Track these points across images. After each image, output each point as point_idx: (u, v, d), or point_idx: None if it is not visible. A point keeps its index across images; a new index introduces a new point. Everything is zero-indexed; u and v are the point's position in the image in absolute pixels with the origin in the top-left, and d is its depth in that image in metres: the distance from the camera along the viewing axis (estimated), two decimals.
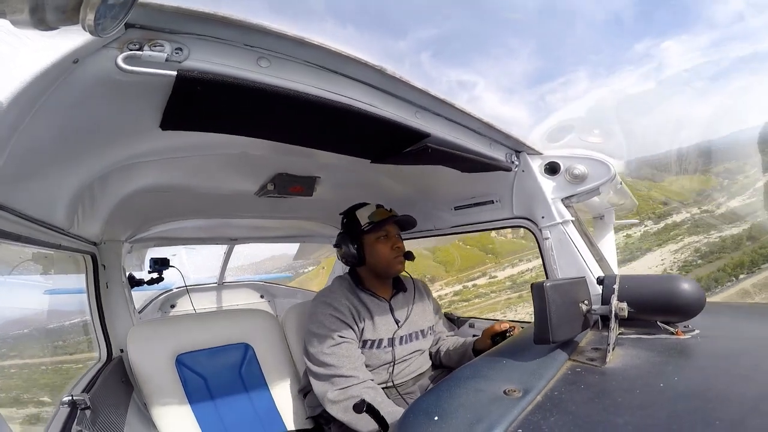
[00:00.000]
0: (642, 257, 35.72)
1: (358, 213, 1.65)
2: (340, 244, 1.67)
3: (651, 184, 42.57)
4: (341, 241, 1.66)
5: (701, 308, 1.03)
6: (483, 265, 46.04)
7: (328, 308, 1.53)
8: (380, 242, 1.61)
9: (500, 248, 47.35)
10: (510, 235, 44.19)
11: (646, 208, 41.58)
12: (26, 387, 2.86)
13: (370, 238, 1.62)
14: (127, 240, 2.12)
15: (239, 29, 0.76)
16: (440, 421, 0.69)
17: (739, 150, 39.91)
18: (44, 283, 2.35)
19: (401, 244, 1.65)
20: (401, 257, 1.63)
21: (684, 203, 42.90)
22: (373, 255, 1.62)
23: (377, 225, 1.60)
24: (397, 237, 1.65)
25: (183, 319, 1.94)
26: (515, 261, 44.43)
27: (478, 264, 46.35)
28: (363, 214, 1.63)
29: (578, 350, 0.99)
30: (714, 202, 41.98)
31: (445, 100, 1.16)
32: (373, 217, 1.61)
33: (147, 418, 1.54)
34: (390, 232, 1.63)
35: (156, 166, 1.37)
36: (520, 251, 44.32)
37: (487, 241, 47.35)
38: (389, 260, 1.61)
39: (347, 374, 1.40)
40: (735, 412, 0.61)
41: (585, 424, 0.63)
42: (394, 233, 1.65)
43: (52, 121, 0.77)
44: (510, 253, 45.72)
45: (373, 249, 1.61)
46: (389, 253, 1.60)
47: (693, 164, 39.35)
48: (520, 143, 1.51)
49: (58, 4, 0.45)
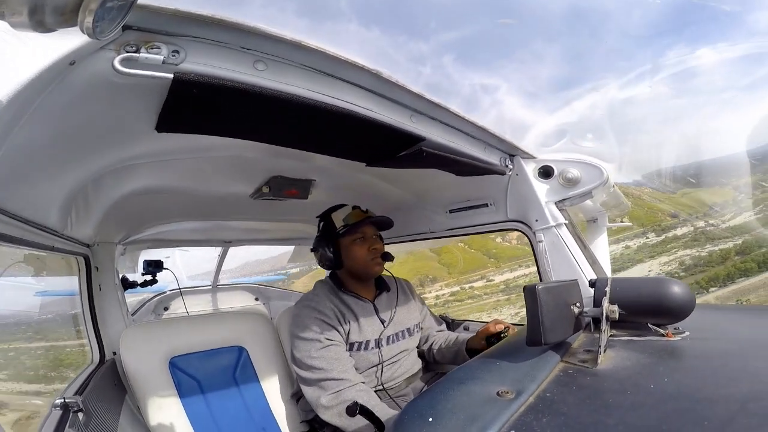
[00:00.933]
0: (632, 267, 36.43)
1: (334, 215, 1.64)
2: (317, 248, 1.66)
3: (665, 196, 43.65)
4: (318, 245, 1.65)
5: (691, 310, 1.05)
6: (484, 268, 47.02)
7: (312, 312, 1.51)
8: (356, 244, 1.60)
9: (503, 253, 48.32)
10: (515, 241, 45.57)
11: (653, 220, 42.32)
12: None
13: (346, 241, 1.60)
14: (120, 242, 2.10)
15: (236, 32, 0.76)
16: (434, 422, 0.69)
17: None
18: (35, 285, 2.34)
19: (379, 245, 1.64)
20: (378, 258, 1.61)
21: (694, 216, 43.50)
22: (350, 257, 1.60)
23: (353, 227, 1.58)
24: (374, 238, 1.64)
25: (176, 322, 1.93)
26: (515, 266, 45.23)
27: (479, 267, 47.28)
28: (338, 217, 1.62)
29: (570, 352, 1.00)
30: (721, 216, 42.57)
31: (440, 104, 1.17)
32: (348, 219, 1.60)
33: (140, 421, 1.53)
34: (366, 233, 1.62)
35: (151, 168, 1.37)
36: (522, 257, 45.11)
37: (491, 245, 48.46)
38: (366, 262, 1.59)
39: (337, 377, 1.39)
40: (724, 413, 0.62)
41: (577, 425, 0.63)
42: (371, 234, 1.64)
43: (48, 122, 0.77)
44: (512, 258, 46.56)
45: (350, 251, 1.60)
46: (366, 254, 1.59)
47: (716, 176, 39.73)
48: (514, 147, 1.53)
49: (57, 6, 0.45)
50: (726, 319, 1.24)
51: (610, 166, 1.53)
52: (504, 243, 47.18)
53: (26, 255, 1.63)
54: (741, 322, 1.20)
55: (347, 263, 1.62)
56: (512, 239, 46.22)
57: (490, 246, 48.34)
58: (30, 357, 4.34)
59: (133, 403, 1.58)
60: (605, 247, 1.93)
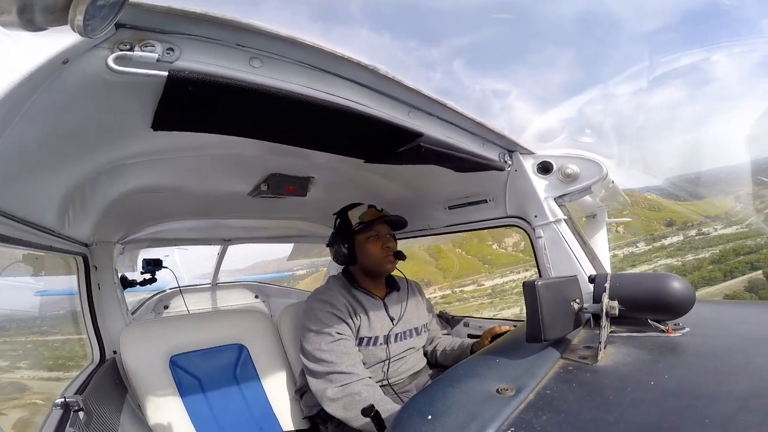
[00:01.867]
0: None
1: (350, 213, 1.67)
2: (332, 244, 1.70)
3: (655, 202, 44.42)
4: (333, 241, 1.69)
5: (691, 306, 1.05)
6: (477, 273, 48.69)
7: (324, 305, 1.54)
8: (370, 242, 1.63)
9: (497, 260, 50.12)
10: (510, 248, 47.65)
11: (647, 229, 43.06)
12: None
13: (361, 238, 1.64)
14: (118, 241, 2.10)
15: (231, 29, 0.76)
16: (434, 420, 0.69)
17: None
18: (35, 285, 2.35)
19: (392, 243, 1.67)
20: (391, 257, 1.65)
21: (688, 225, 44.28)
22: (364, 254, 1.64)
23: (368, 225, 1.62)
24: (388, 236, 1.67)
25: (176, 320, 1.93)
26: (506, 272, 46.84)
27: (473, 272, 48.94)
28: (354, 214, 1.66)
29: (570, 348, 0.99)
30: (713, 225, 43.12)
31: (438, 100, 1.16)
32: (364, 217, 1.64)
33: (141, 420, 1.53)
34: (380, 231, 1.65)
35: (147, 166, 1.36)
36: (515, 263, 47.02)
37: (487, 251, 50.48)
38: (379, 259, 1.63)
39: (346, 371, 1.40)
40: (725, 410, 0.61)
41: (577, 423, 0.63)
42: (385, 233, 1.67)
43: (42, 122, 0.76)
44: (505, 265, 48.24)
45: (364, 248, 1.64)
46: (379, 252, 1.63)
47: (717, 186, 40.13)
48: (513, 143, 1.52)
49: (47, 5, 0.44)
50: (727, 315, 1.23)
51: (610, 162, 1.52)
52: (500, 250, 49.41)
53: (25, 255, 1.63)
54: (742, 317, 1.20)
55: (361, 260, 1.66)
56: (508, 246, 49.21)
57: (486, 252, 50.26)
58: (48, 348, 4.68)
59: (134, 401, 1.58)
60: (605, 242, 1.93)
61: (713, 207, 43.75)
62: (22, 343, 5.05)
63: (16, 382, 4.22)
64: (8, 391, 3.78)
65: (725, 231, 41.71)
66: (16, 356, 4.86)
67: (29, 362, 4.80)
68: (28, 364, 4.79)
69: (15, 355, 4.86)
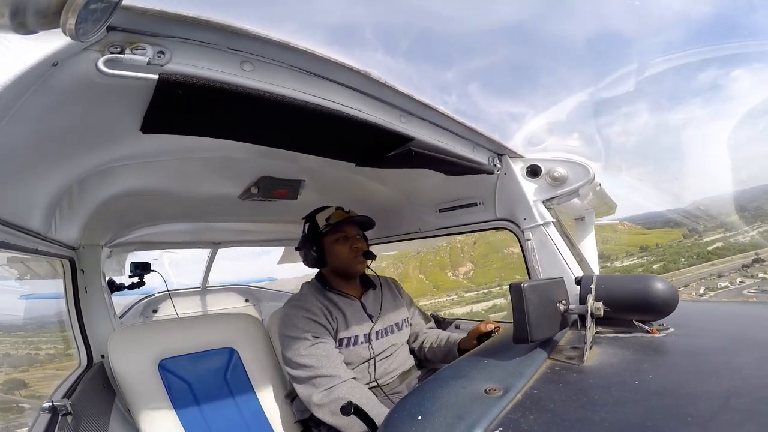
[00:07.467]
0: None
1: (318, 216, 1.69)
2: (301, 248, 1.71)
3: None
4: (302, 245, 1.70)
5: (674, 307, 1.07)
6: (424, 296, 53.27)
7: (299, 310, 1.54)
8: (339, 243, 1.64)
9: (444, 284, 56.77)
10: (461, 277, 55.48)
11: (621, 251, 48.14)
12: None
13: (329, 240, 1.65)
14: (106, 244, 2.08)
15: (223, 33, 0.76)
16: (423, 420, 0.70)
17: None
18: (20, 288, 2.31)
19: (360, 243, 1.67)
20: (361, 256, 1.65)
21: (663, 251, 47.71)
22: (333, 256, 1.65)
23: (335, 227, 1.63)
24: (356, 237, 1.68)
25: (165, 324, 1.91)
26: (445, 295, 52.95)
27: (422, 295, 52.93)
28: (322, 217, 1.67)
29: (557, 349, 1.01)
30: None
31: (429, 105, 1.17)
32: (331, 219, 1.65)
33: (130, 424, 1.51)
34: (348, 232, 1.66)
35: (137, 169, 1.35)
36: (456, 288, 53.79)
37: (441, 278, 57.23)
38: (349, 260, 1.64)
39: (328, 374, 1.40)
40: (707, 408, 0.63)
41: (563, 422, 0.64)
42: (353, 233, 1.68)
43: (30, 124, 0.76)
44: (449, 289, 54.57)
45: (333, 250, 1.65)
46: (348, 253, 1.64)
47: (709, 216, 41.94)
48: (503, 147, 1.54)
49: (39, 8, 0.44)
50: (709, 315, 1.26)
51: (596, 165, 1.55)
52: (452, 277, 56.41)
53: (9, 258, 1.60)
54: (724, 318, 1.22)
55: (331, 261, 1.67)
56: (460, 274, 56.18)
57: (439, 279, 57.22)
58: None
59: (123, 405, 1.56)
60: (593, 245, 1.96)
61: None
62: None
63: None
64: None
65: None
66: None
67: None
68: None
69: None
